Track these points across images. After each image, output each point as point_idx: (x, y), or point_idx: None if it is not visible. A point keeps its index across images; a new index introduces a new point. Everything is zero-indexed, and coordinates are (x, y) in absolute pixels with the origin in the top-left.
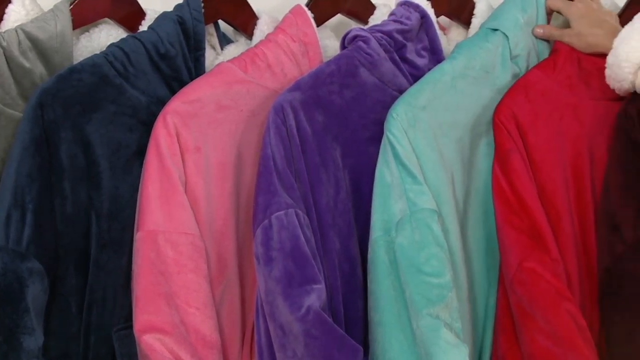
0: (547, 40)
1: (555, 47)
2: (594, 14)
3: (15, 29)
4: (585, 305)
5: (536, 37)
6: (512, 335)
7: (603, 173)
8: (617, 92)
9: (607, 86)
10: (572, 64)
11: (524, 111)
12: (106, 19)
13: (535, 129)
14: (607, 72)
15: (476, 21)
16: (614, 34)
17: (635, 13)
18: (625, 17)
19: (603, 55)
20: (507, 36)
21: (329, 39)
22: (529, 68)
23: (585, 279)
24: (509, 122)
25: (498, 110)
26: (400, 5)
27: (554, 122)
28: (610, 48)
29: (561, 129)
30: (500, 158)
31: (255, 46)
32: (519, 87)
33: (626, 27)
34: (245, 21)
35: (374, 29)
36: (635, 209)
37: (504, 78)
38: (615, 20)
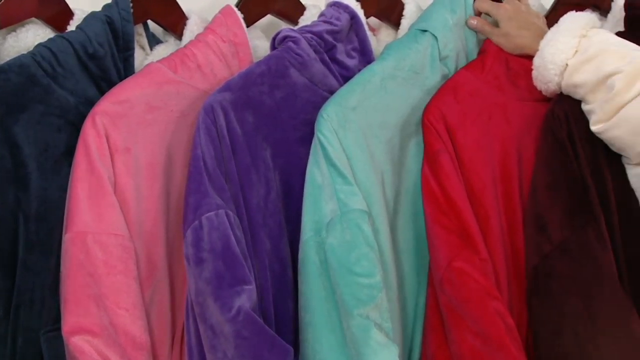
0: (477, 41)
1: (484, 47)
2: (522, 15)
3: None
4: (513, 305)
5: (469, 27)
6: (442, 335)
7: (531, 173)
8: (544, 93)
9: (535, 87)
10: (501, 65)
11: (452, 112)
12: (33, 18)
13: (464, 129)
14: (534, 73)
15: (405, 22)
16: (541, 35)
17: (562, 15)
18: (551, 18)
19: (530, 57)
20: (436, 37)
21: (259, 40)
22: (458, 69)
23: (513, 279)
24: (438, 123)
25: (427, 110)
26: (330, 6)
27: (482, 122)
28: (537, 50)
29: (490, 129)
30: (430, 158)
31: (185, 46)
32: (448, 88)
33: (552, 29)
34: (175, 21)
35: (304, 30)
36: (562, 209)
37: (433, 79)
38: (542, 22)
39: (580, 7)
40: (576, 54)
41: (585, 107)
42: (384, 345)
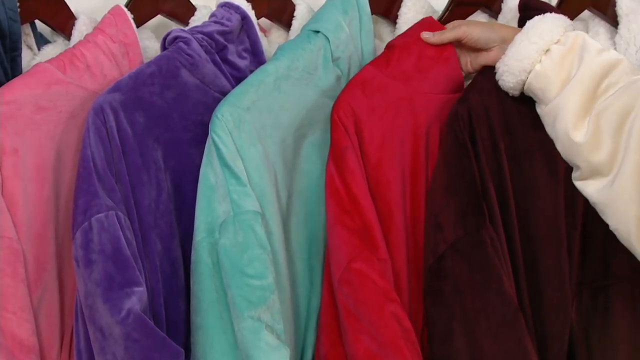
0: (374, 50)
1: (391, 42)
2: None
3: None
4: (413, 305)
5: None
6: (336, 336)
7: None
8: (503, 85)
9: (445, 79)
10: (410, 56)
11: (362, 107)
12: None
13: (371, 125)
14: (504, 68)
15: (297, 23)
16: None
17: (457, 15)
18: (447, 19)
19: (446, 48)
20: (328, 38)
21: (149, 40)
22: (351, 70)
23: (414, 278)
24: (348, 119)
25: (337, 106)
26: (220, 6)
27: (390, 117)
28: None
29: (398, 125)
30: (336, 156)
31: (74, 47)
32: (356, 82)
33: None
34: (63, 21)
35: (195, 30)
36: (457, 210)
37: (326, 79)
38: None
39: (473, 8)
40: (551, 49)
41: (546, 108)
42: (275, 347)
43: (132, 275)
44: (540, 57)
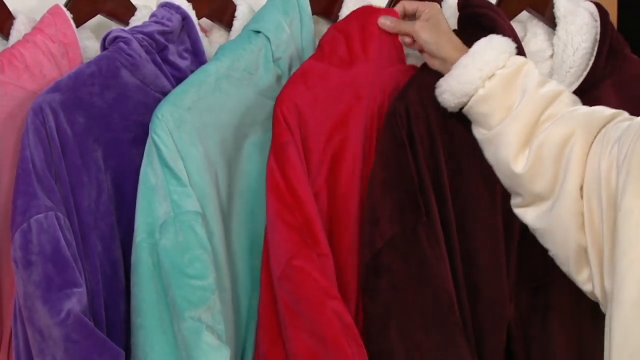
0: (314, 43)
1: (324, 35)
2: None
3: None
4: (359, 301)
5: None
6: (275, 334)
7: None
8: (444, 104)
9: (388, 53)
10: (349, 42)
11: (304, 100)
12: None
13: (315, 117)
14: (445, 88)
15: (237, 24)
16: (458, 47)
17: None
18: None
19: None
20: (268, 38)
21: (89, 40)
22: (292, 70)
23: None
24: (290, 114)
25: (279, 101)
26: (161, 6)
27: (333, 107)
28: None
29: (343, 110)
30: (277, 151)
31: (12, 47)
32: (297, 76)
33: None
34: (1, 21)
35: (135, 30)
36: (393, 206)
37: (267, 79)
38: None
39: None
40: (496, 74)
41: (487, 134)
42: (215, 347)
43: (72, 277)
44: (484, 82)
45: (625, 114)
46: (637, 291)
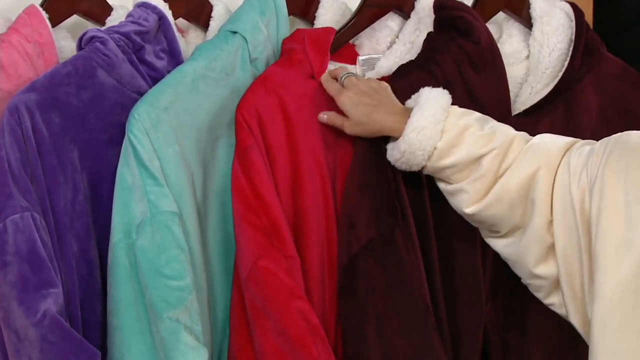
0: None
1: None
2: (365, 97)
3: None
4: (326, 303)
5: (321, 122)
6: (244, 334)
7: (348, 165)
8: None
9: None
10: (305, 56)
11: (265, 105)
12: None
13: (275, 122)
14: (396, 155)
15: (214, 24)
16: (394, 112)
17: (368, 16)
18: (358, 20)
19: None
20: (245, 39)
21: (65, 40)
22: None
23: (328, 276)
24: (251, 118)
25: (240, 106)
26: (137, 6)
27: (296, 113)
28: (396, 131)
29: (304, 119)
30: (241, 155)
31: None
32: (259, 82)
33: (414, 111)
34: None
35: (111, 30)
36: (370, 209)
37: (243, 80)
38: (385, 89)
39: (384, 10)
40: (443, 135)
41: (448, 187)
42: (193, 348)
43: (48, 277)
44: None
45: (580, 141)
46: (622, 316)
